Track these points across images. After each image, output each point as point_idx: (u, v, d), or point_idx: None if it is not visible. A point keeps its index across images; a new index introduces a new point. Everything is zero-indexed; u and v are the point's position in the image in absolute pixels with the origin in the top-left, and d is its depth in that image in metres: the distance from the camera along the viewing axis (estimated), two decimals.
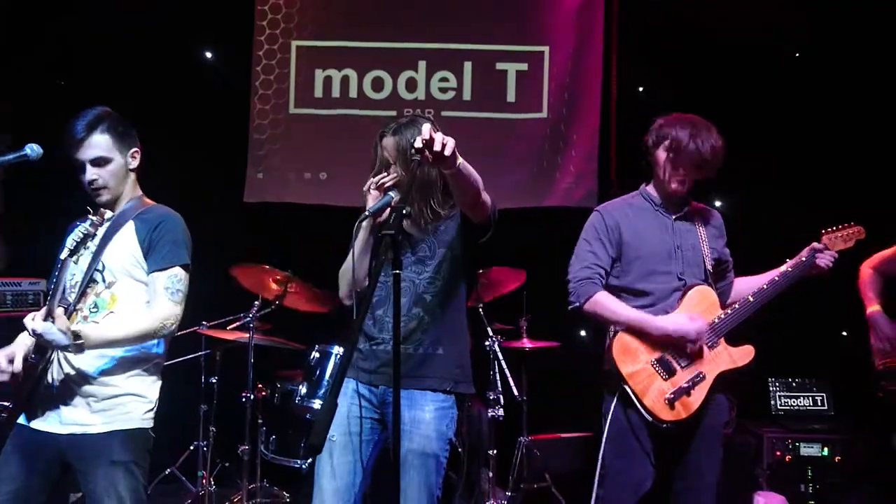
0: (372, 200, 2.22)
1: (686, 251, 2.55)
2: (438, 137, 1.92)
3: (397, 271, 1.81)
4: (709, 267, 2.56)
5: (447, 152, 1.91)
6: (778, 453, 4.00)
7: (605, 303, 2.49)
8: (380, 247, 2.19)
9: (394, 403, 1.80)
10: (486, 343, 3.70)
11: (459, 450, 3.99)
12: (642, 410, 2.41)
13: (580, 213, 4.65)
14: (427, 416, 2.20)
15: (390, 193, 2.19)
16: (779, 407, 4.27)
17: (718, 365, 2.49)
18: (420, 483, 2.14)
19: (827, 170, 4.47)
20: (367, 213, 2.16)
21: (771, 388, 4.28)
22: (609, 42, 4.81)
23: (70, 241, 2.16)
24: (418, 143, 1.91)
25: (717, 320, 2.51)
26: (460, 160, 2.04)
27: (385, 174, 2.24)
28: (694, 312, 2.48)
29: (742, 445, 3.95)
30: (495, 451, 3.61)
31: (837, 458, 3.97)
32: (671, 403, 2.41)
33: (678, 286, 2.51)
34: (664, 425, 2.41)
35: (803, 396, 4.29)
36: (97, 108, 2.29)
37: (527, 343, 3.88)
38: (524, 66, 4.88)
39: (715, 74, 4.55)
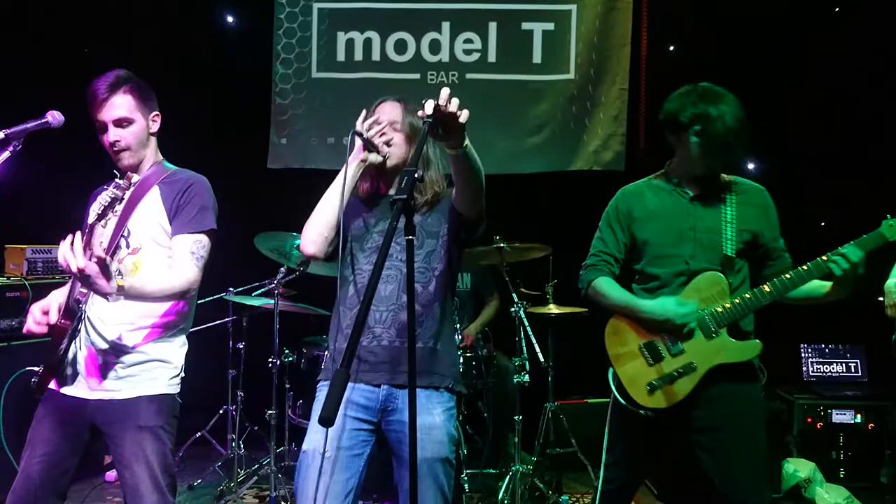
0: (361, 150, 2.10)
1: (700, 233, 2.35)
2: (455, 103, 1.79)
3: (411, 237, 1.64)
4: (729, 252, 2.32)
5: (462, 119, 1.81)
6: (809, 420, 3.95)
7: (600, 289, 2.43)
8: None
9: (409, 399, 1.65)
10: (512, 309, 3.67)
11: (485, 415, 4.00)
12: (617, 394, 2.37)
13: (608, 178, 4.58)
14: (437, 421, 2.07)
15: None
16: (811, 373, 4.21)
17: (713, 357, 2.30)
18: (434, 488, 2.06)
19: (869, 128, 4.32)
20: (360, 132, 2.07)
21: (803, 355, 4.22)
22: None
23: (97, 206, 2.14)
24: (429, 108, 1.76)
25: (720, 309, 2.30)
26: (468, 143, 1.93)
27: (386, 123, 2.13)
28: (695, 300, 2.32)
29: (772, 412, 3.90)
30: (521, 417, 3.59)
31: (871, 426, 3.91)
32: (652, 390, 2.32)
33: (682, 270, 2.35)
34: (641, 411, 2.33)
35: (836, 363, 4.21)
36: (118, 70, 2.26)
37: (553, 309, 3.84)
38: (551, 26, 4.76)
39: (749, 31, 4.39)
